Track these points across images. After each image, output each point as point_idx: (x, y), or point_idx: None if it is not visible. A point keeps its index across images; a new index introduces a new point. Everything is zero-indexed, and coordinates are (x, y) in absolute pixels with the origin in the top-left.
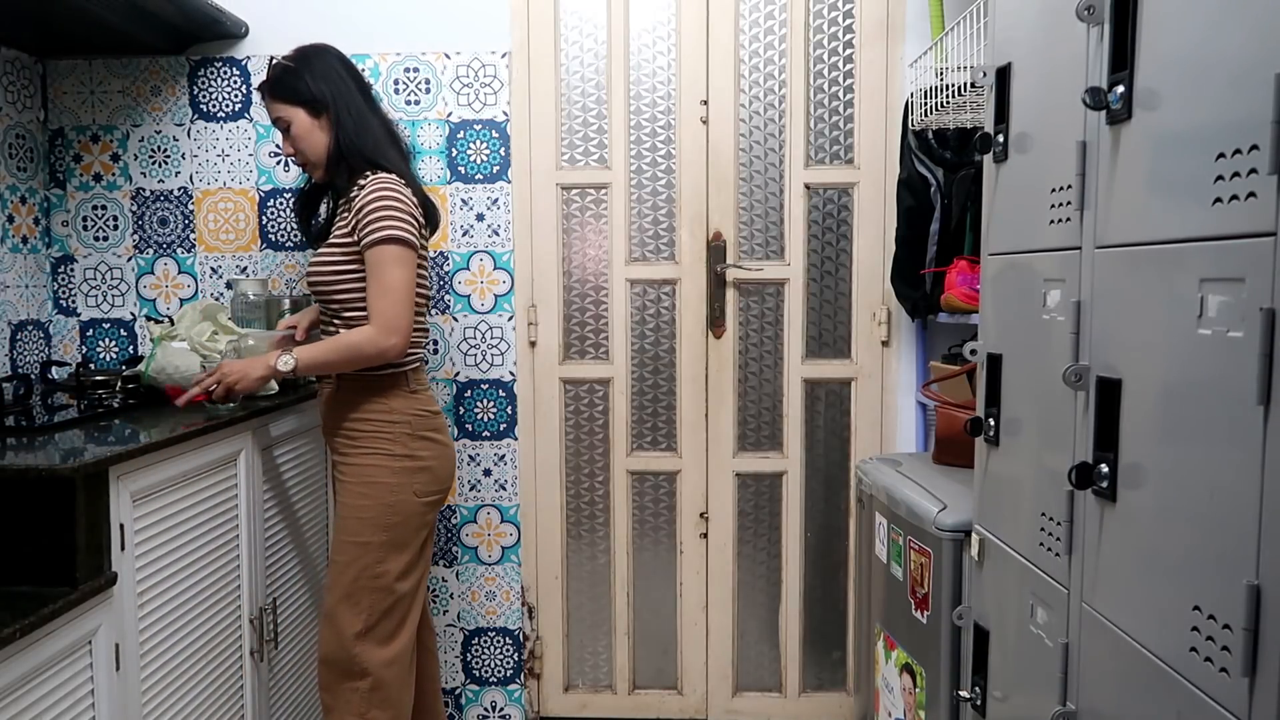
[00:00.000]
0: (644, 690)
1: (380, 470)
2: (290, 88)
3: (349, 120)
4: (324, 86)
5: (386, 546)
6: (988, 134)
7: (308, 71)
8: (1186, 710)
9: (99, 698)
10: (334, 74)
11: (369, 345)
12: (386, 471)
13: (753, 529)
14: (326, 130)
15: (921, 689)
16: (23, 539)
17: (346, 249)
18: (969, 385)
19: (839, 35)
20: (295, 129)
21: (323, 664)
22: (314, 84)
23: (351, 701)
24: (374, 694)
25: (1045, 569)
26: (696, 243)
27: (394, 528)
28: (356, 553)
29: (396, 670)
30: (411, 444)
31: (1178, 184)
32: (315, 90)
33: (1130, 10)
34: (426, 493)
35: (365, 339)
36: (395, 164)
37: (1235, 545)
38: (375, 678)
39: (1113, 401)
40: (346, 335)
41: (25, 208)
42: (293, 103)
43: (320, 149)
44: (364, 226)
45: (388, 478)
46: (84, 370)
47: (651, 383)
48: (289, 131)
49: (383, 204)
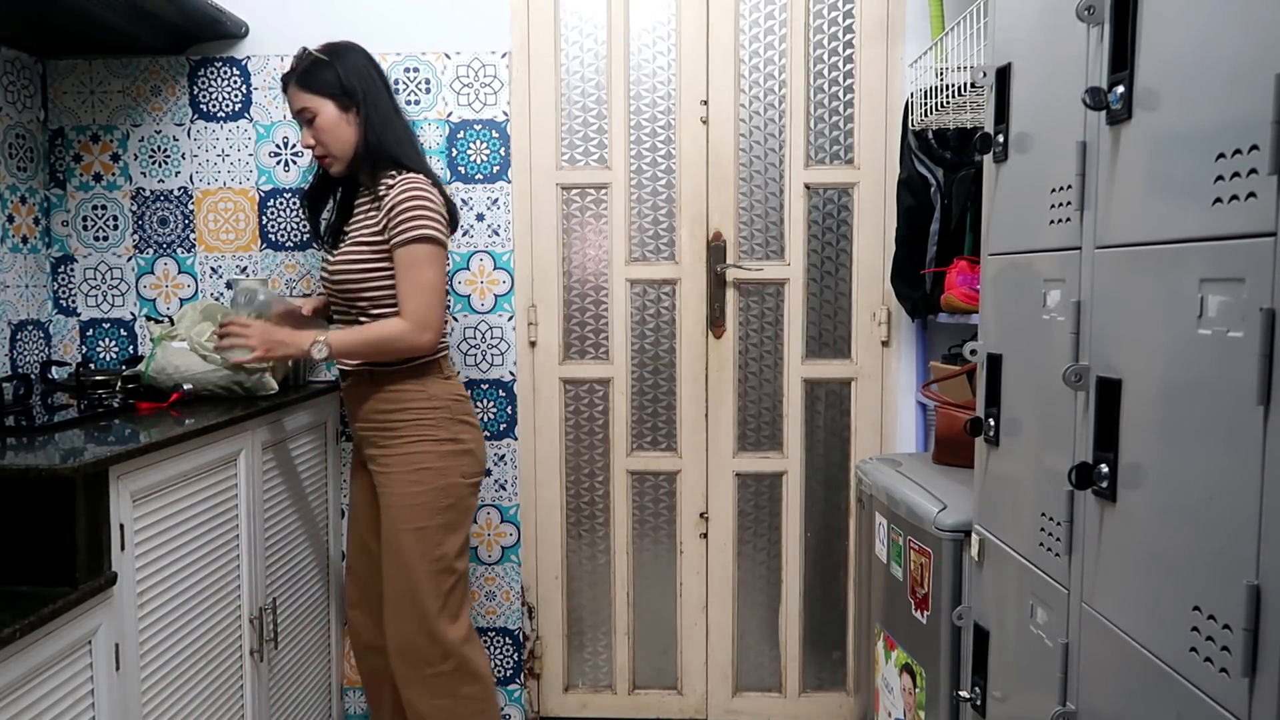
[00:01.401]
0: (644, 690)
1: (428, 456)
2: (321, 79)
3: (376, 117)
4: (355, 81)
5: (443, 529)
6: (988, 134)
7: (340, 64)
8: (1186, 710)
9: (99, 698)
10: (364, 71)
11: (402, 340)
12: (434, 456)
13: (753, 529)
14: (353, 125)
15: (921, 689)
16: (23, 539)
17: (375, 247)
18: (969, 385)
19: (839, 35)
20: (322, 120)
21: (399, 657)
22: (346, 77)
23: (439, 685)
24: (459, 672)
25: (1045, 569)
26: (696, 243)
27: (446, 510)
28: (416, 539)
29: (472, 643)
30: (453, 428)
31: (1178, 184)
32: (347, 83)
33: (1130, 10)
34: (471, 474)
35: (399, 333)
36: (421, 164)
37: (1235, 545)
38: (458, 656)
39: (1113, 401)
40: (379, 327)
41: (25, 208)
42: (322, 94)
43: (346, 143)
44: (396, 225)
45: (436, 462)
46: (84, 370)
47: (651, 383)
48: (313, 123)
49: (415, 203)
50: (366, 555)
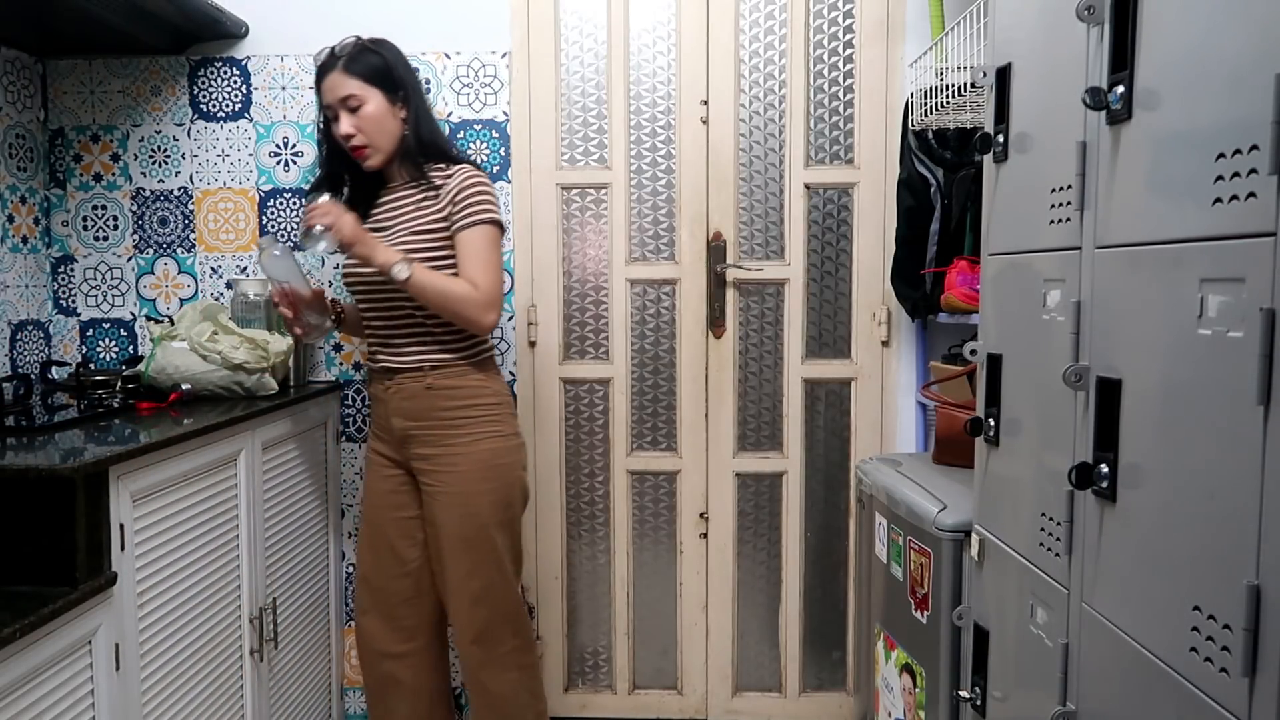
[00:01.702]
0: (644, 690)
1: (500, 451)
2: (373, 67)
3: (424, 110)
4: (403, 73)
5: (517, 519)
6: (988, 134)
7: (391, 55)
8: (1186, 710)
9: (99, 698)
10: (408, 64)
11: (471, 306)
12: (504, 451)
13: (753, 529)
14: (397, 118)
15: (921, 689)
16: (23, 539)
17: (437, 235)
18: (969, 385)
19: (839, 35)
20: (370, 109)
21: (478, 645)
22: (398, 69)
23: (510, 660)
24: (525, 644)
25: (1045, 569)
26: (696, 243)
27: (514, 504)
28: (499, 531)
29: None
30: (513, 422)
31: (1178, 184)
32: (399, 75)
33: (1130, 10)
34: (525, 467)
35: (471, 298)
36: (465, 156)
37: (1235, 545)
38: (525, 630)
39: (1113, 401)
40: (456, 281)
41: (25, 208)
42: (371, 82)
43: (390, 135)
44: (464, 208)
45: (506, 457)
46: (84, 370)
47: (651, 383)
48: (357, 111)
49: (481, 189)
50: (392, 560)
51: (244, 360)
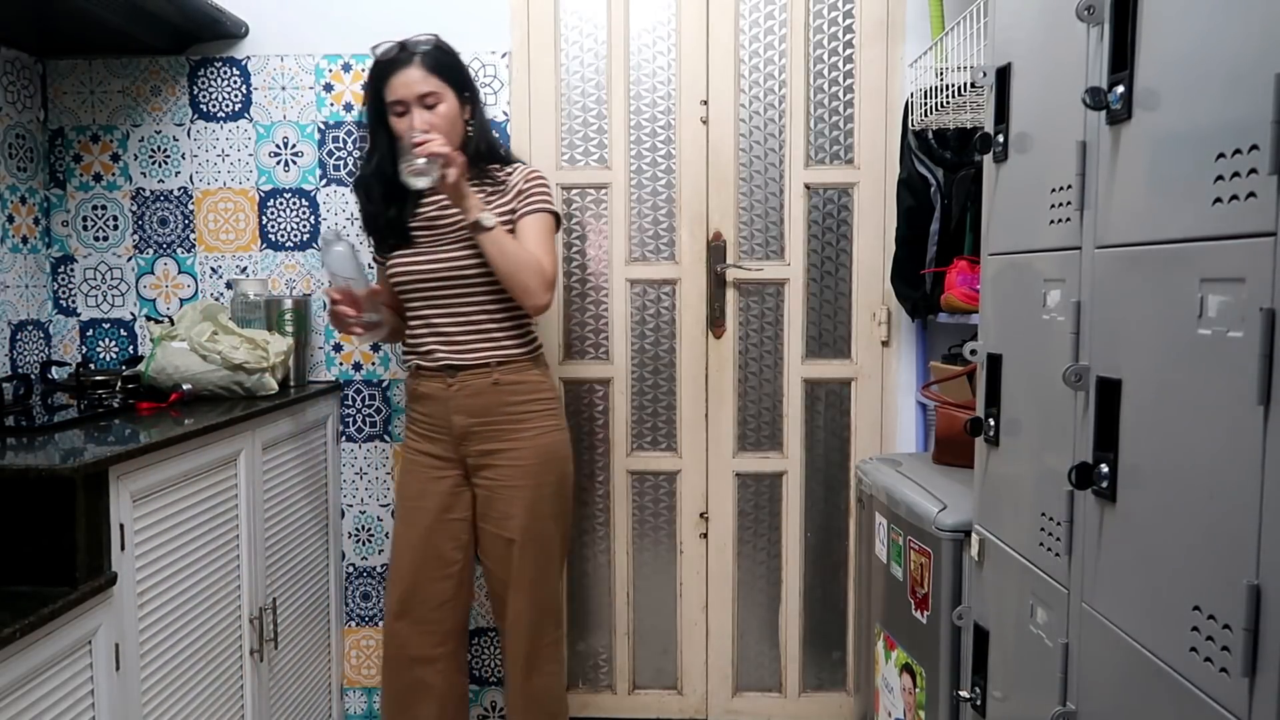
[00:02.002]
0: (644, 690)
1: (560, 444)
2: (450, 66)
3: (484, 114)
4: (470, 77)
5: (569, 512)
6: (988, 134)
7: (458, 57)
8: (1186, 710)
9: (99, 698)
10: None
11: (539, 277)
12: (563, 444)
13: (753, 529)
14: (463, 120)
15: (921, 689)
16: (23, 539)
17: (505, 227)
18: (969, 385)
19: (839, 35)
20: (446, 109)
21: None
22: (467, 71)
23: (554, 652)
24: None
25: (1045, 569)
26: (696, 243)
27: (569, 496)
28: (556, 525)
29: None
30: (564, 416)
31: (1177, 184)
32: (467, 77)
33: (1130, 10)
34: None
35: (540, 270)
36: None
37: (1235, 545)
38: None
39: (1113, 401)
40: (529, 250)
41: (25, 208)
42: (450, 83)
43: (459, 135)
44: (529, 198)
45: (564, 450)
46: (84, 370)
47: (651, 383)
48: (434, 108)
49: (544, 183)
50: (436, 563)
51: (244, 360)
